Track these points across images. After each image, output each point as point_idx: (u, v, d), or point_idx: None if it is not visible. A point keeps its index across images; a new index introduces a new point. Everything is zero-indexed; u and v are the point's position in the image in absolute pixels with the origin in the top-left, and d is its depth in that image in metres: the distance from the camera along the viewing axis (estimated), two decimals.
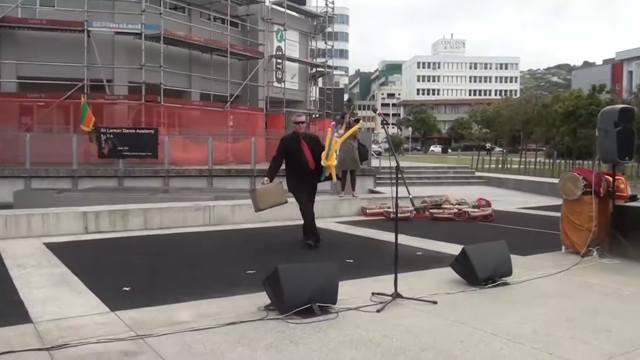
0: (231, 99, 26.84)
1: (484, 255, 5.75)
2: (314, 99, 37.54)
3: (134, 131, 19.52)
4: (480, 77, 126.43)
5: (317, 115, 34.66)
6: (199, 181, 19.19)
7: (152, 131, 19.61)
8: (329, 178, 8.10)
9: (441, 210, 11.28)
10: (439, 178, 23.30)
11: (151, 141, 19.28)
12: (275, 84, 30.52)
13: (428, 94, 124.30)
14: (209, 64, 27.18)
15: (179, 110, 25.21)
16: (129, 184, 18.39)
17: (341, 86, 79.17)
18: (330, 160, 8.04)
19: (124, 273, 6.09)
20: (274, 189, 7.70)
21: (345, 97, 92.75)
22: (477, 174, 24.94)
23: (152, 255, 7.19)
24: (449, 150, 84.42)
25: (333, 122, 10.38)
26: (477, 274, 5.59)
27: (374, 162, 21.04)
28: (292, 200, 7.98)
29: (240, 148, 22.87)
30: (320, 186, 8.31)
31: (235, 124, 27.31)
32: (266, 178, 7.56)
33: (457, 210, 11.19)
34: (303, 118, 7.73)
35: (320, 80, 39.14)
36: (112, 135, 18.99)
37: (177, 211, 9.70)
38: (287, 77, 31.05)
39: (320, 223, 10.36)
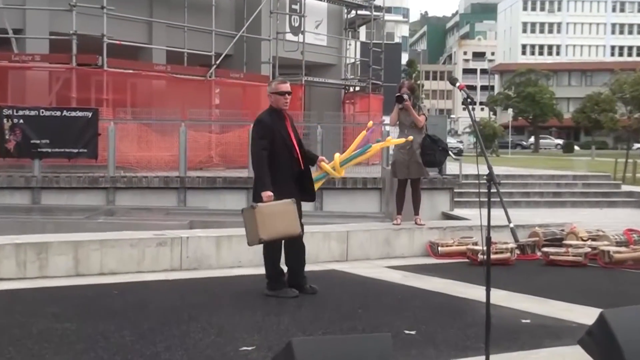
0: (217, 62, 27.01)
1: (636, 325, 5.68)
2: (354, 61, 37.58)
3: (58, 114, 19.67)
4: (631, 26, 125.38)
5: (356, 89, 34.72)
6: (165, 196, 19.29)
7: (89, 114, 19.74)
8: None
9: (563, 250, 11.20)
10: (559, 194, 23.10)
11: (87, 131, 19.40)
12: (290, 36, 30.66)
13: (541, 53, 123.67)
14: (182, 4, 27.43)
15: (133, 79, 25.42)
16: (50, 200, 18.55)
17: (397, 40, 79.32)
18: (340, 172, 9.51)
19: (39, 347, 6.13)
20: (284, 210, 7.76)
21: (404, 58, 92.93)
22: (625, 187, 24.65)
23: (85, 318, 7.23)
24: (576, 148, 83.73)
25: (370, 125, 11.01)
26: (625, 357, 5.51)
27: (451, 167, 20.94)
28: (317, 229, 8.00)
29: (231, 142, 22.92)
30: (362, 207, 8.42)
31: (225, 101, 27.36)
32: (267, 192, 7.86)
33: (589, 250, 11.10)
34: (288, 86, 8.34)
35: (362, 30, 39.17)
36: (22, 121, 19.18)
37: (128, 246, 9.76)
38: (309, 25, 31.17)
39: (362, 268, 10.38)
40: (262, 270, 9.36)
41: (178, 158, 20.01)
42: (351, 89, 34.79)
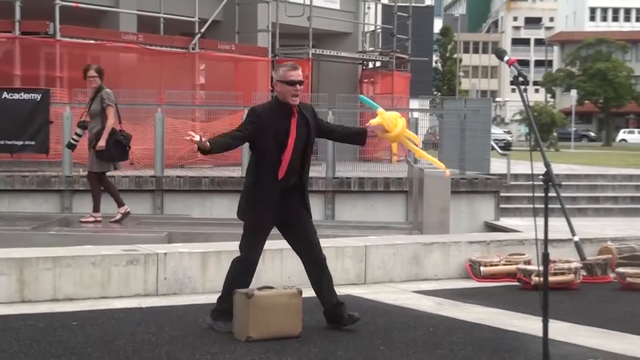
0: (202, 30, 26.98)
1: None
2: (373, 29, 37.56)
3: None
4: None
5: (377, 64, 34.72)
6: (137, 201, 19.27)
7: (38, 96, 19.83)
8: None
9: None
10: (638, 200, 23.05)
11: (35, 118, 19.51)
12: None
13: (615, 19, 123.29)
14: None
15: (95, 51, 25.38)
16: None
17: (428, 3, 79.26)
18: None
19: None
20: (286, 304, 7.91)
21: (437, 25, 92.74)
22: None
23: (34, 357, 7.21)
24: None
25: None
26: None
27: (496, 165, 20.95)
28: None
29: (220, 132, 22.90)
30: (383, 215, 8.36)
31: (212, 80, 27.28)
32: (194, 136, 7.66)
33: None
34: (300, 73, 8.35)
35: None
36: None
37: (89, 265, 9.76)
38: None
39: (385, 293, 10.38)
40: None
41: (153, 153, 20.10)
42: (370, 65, 34.75)
